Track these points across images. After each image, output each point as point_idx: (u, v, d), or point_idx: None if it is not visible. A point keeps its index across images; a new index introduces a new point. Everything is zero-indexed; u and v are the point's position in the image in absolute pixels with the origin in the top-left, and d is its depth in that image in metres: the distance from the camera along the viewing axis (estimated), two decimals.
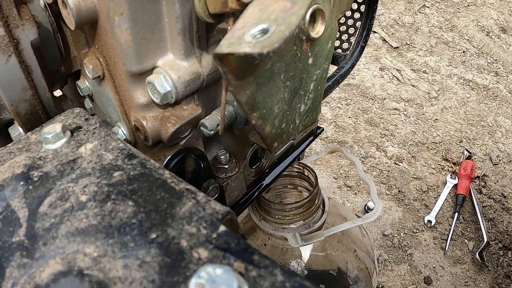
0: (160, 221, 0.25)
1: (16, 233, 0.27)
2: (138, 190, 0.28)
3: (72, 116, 0.35)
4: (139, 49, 0.36)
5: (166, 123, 0.41)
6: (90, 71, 0.40)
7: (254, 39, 0.27)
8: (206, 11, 0.33)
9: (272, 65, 0.29)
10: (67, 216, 0.27)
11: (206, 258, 0.23)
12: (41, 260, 0.25)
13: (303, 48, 0.31)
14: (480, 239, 1.40)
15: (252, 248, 0.23)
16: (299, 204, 0.60)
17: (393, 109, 1.89)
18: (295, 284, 0.21)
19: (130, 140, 0.44)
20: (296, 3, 0.29)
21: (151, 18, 0.35)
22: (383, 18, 2.39)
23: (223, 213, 0.26)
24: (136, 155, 0.30)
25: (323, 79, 0.37)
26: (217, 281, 0.21)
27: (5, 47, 0.34)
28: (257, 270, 0.22)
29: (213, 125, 0.42)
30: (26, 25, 0.35)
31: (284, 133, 0.36)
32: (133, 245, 0.24)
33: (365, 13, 0.61)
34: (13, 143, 0.33)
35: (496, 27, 2.34)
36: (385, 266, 1.36)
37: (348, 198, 1.56)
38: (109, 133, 0.33)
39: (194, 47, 0.38)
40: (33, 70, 0.37)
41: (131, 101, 0.40)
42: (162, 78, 0.38)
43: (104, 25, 0.36)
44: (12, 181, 0.30)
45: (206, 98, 0.43)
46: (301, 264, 0.65)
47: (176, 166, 0.43)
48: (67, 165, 0.30)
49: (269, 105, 0.32)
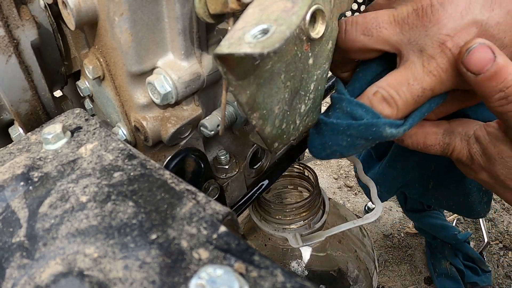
0: (160, 222, 0.25)
1: (16, 234, 0.26)
2: (139, 190, 0.28)
3: (72, 116, 0.35)
4: (139, 49, 0.36)
5: (166, 123, 0.41)
6: (90, 72, 0.40)
7: (254, 39, 0.27)
8: (206, 12, 0.33)
9: (273, 65, 0.29)
10: (67, 216, 0.27)
11: (207, 259, 0.23)
12: (41, 261, 0.25)
13: (303, 48, 0.31)
14: (480, 239, 1.40)
15: (253, 248, 0.23)
16: (300, 204, 0.60)
17: None
18: (295, 285, 0.21)
19: (130, 141, 0.44)
20: (296, 3, 0.29)
21: (151, 19, 0.35)
22: None
23: (224, 214, 0.26)
24: (136, 155, 0.30)
25: (323, 79, 0.37)
26: (218, 282, 0.20)
27: (5, 48, 0.34)
28: (257, 270, 0.22)
29: (213, 125, 0.42)
30: (26, 25, 0.35)
31: (284, 134, 0.36)
32: (133, 246, 0.24)
33: None
34: (13, 143, 0.33)
35: None
36: (386, 267, 1.36)
37: (349, 198, 1.56)
38: (109, 134, 0.33)
39: (194, 47, 0.38)
40: (33, 71, 0.37)
41: (131, 102, 0.40)
42: (162, 79, 0.38)
43: (104, 26, 0.36)
44: (12, 181, 0.30)
45: (207, 98, 0.43)
46: (302, 264, 0.65)
47: (176, 166, 0.43)
48: (67, 166, 0.30)
49: (270, 106, 0.32)
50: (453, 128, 0.40)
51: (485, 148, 0.37)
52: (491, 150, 0.37)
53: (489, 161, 0.37)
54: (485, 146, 0.37)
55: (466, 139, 0.39)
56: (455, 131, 0.40)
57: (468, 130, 0.39)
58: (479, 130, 0.38)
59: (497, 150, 0.36)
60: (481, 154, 0.38)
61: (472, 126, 0.39)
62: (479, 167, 0.39)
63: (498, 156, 0.36)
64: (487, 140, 0.37)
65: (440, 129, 0.41)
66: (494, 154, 0.37)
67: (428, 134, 0.41)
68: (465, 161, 0.40)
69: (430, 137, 0.41)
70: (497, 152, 0.36)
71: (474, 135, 0.39)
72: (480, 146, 0.38)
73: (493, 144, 0.37)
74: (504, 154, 0.36)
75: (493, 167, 0.37)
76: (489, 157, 0.37)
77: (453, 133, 0.40)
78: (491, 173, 0.38)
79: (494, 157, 0.37)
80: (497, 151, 0.36)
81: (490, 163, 0.37)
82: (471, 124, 0.40)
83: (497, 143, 0.36)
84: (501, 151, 0.36)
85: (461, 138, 0.40)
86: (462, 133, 0.40)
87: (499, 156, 0.36)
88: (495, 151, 0.36)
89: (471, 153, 0.39)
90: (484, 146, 0.37)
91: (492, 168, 0.37)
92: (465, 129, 0.40)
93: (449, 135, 0.40)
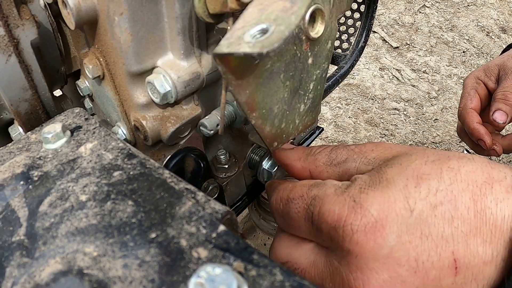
0: (159, 221, 0.25)
1: (16, 233, 0.27)
2: (138, 189, 0.28)
3: (72, 115, 0.35)
4: (139, 49, 0.36)
5: (166, 123, 0.41)
6: (90, 71, 0.40)
7: (253, 39, 0.27)
8: (206, 11, 0.33)
9: (272, 65, 0.30)
10: (67, 215, 0.27)
11: (206, 258, 0.23)
12: (41, 260, 0.25)
13: (302, 48, 0.31)
14: None
15: (252, 247, 0.23)
16: None
17: (393, 109, 1.89)
18: (294, 284, 0.21)
19: (130, 140, 0.44)
20: (295, 3, 0.29)
21: (151, 18, 0.35)
22: (383, 18, 2.39)
23: (223, 213, 0.26)
24: (136, 154, 0.30)
25: (322, 79, 0.37)
26: (217, 281, 0.21)
27: (5, 47, 0.34)
28: (256, 269, 0.22)
29: (213, 125, 0.42)
30: (26, 25, 0.35)
31: (283, 133, 0.36)
32: (132, 245, 0.24)
33: (365, 13, 0.61)
34: (13, 142, 0.34)
35: (496, 27, 2.35)
36: None
37: None
38: (109, 133, 0.33)
39: (193, 47, 0.38)
40: (33, 70, 0.37)
41: (131, 101, 0.40)
42: (162, 78, 0.38)
43: (104, 25, 0.36)
44: (12, 180, 0.30)
45: (206, 98, 0.44)
46: None
47: (176, 165, 0.43)
48: (67, 165, 0.30)
49: (269, 105, 0.32)
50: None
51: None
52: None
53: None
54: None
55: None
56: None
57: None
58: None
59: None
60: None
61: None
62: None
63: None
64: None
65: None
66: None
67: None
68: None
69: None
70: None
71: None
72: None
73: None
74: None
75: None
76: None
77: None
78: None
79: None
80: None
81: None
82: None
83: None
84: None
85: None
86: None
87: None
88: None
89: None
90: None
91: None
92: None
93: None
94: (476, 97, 0.88)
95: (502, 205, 0.30)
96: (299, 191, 0.36)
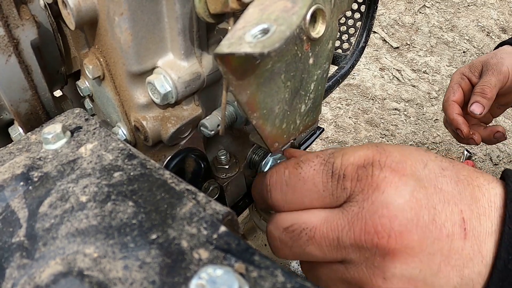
0: (160, 222, 0.25)
1: (16, 234, 0.26)
2: (138, 190, 0.28)
3: (72, 116, 0.35)
4: (139, 49, 0.36)
5: (166, 123, 0.41)
6: (90, 71, 0.40)
7: (254, 39, 0.27)
8: (207, 11, 0.33)
9: (273, 65, 0.29)
10: (67, 216, 0.27)
11: (207, 259, 0.23)
12: (41, 261, 0.25)
13: (303, 48, 0.31)
14: None
15: (253, 248, 0.23)
16: None
17: (393, 109, 1.89)
18: (296, 285, 0.21)
19: (130, 141, 0.44)
20: (296, 3, 0.29)
21: (151, 18, 0.35)
22: (383, 18, 2.39)
23: (224, 214, 0.26)
24: (136, 155, 0.30)
25: (323, 79, 0.37)
26: (218, 282, 0.20)
27: (5, 47, 0.34)
28: (258, 270, 0.22)
29: (214, 125, 0.42)
30: (26, 25, 0.35)
31: (284, 133, 0.36)
32: (133, 246, 0.24)
33: (365, 13, 0.61)
34: (13, 143, 0.33)
35: (496, 27, 2.35)
36: None
37: None
38: (109, 134, 0.33)
39: (194, 47, 0.38)
40: (33, 70, 0.37)
41: (131, 101, 0.40)
42: (162, 78, 0.38)
43: (104, 25, 0.36)
44: (12, 181, 0.30)
45: (207, 98, 0.43)
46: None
47: (176, 166, 0.43)
48: (67, 166, 0.30)
49: (270, 105, 0.32)
50: None
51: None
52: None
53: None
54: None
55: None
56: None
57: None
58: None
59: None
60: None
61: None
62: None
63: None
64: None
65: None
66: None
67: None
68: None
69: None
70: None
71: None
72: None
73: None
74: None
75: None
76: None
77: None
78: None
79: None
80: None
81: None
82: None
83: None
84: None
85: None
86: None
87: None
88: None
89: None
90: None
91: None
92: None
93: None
94: (459, 91, 0.97)
95: (492, 185, 0.35)
96: (313, 154, 0.39)
